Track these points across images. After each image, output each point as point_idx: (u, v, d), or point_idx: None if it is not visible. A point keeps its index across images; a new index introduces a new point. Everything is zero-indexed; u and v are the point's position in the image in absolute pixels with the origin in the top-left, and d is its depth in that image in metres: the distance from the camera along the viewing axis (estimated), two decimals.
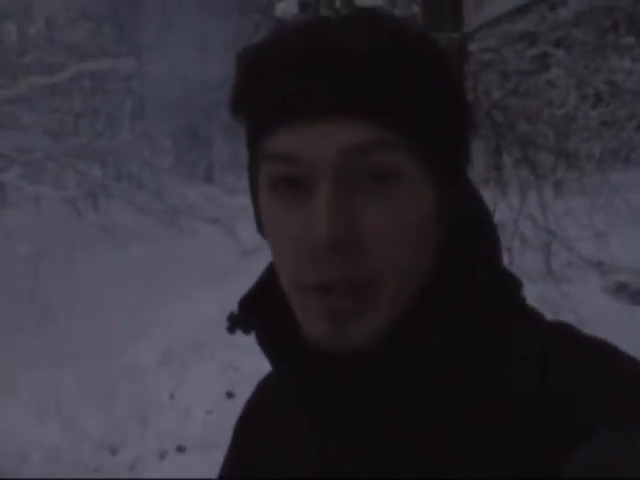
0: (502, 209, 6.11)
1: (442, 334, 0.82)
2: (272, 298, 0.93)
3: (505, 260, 0.95)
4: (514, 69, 10.15)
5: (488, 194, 6.44)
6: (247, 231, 10.32)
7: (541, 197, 6.25)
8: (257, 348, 0.98)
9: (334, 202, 0.79)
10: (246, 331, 0.95)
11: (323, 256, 0.80)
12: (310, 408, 0.89)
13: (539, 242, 6.19)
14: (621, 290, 8.60)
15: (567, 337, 0.85)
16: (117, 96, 12.91)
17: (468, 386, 0.83)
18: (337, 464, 0.88)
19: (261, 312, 0.94)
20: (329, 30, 0.83)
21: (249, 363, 6.57)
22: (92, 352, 7.58)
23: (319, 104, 0.80)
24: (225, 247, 11.02)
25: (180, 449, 6.07)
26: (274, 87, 0.83)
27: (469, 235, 0.89)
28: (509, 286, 0.92)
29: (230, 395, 6.79)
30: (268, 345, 0.93)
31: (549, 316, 0.92)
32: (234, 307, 0.95)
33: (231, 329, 0.95)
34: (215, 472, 1.13)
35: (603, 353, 0.81)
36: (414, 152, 0.82)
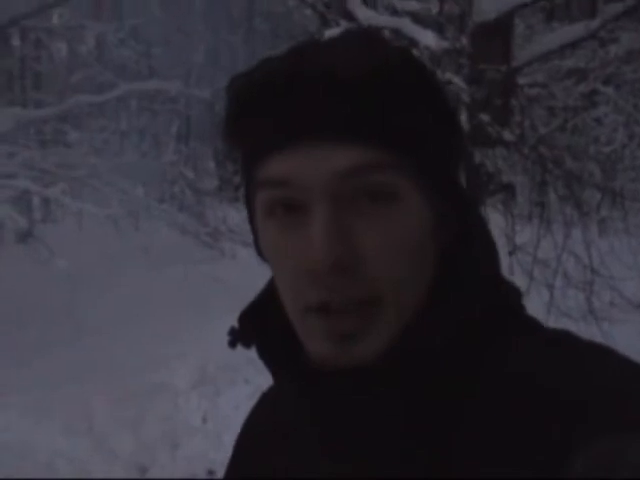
0: (545, 245, 6.06)
1: (442, 346, 0.83)
2: (273, 312, 0.93)
3: (546, 297, 0.93)
4: (562, 105, 10.12)
5: (532, 230, 6.40)
6: None
7: (585, 234, 6.19)
8: None
9: (331, 224, 0.80)
10: (247, 345, 0.95)
11: (322, 277, 0.80)
12: (313, 421, 0.89)
13: (581, 280, 6.14)
14: None
15: (566, 343, 0.85)
16: (163, 117, 13.05)
17: (469, 395, 0.82)
18: (341, 476, 0.87)
19: (262, 326, 0.94)
20: (316, 54, 0.83)
21: None
22: (126, 371, 7.60)
23: (310, 128, 0.81)
24: (264, 271, 11.01)
25: (211, 472, 6.05)
26: (264, 114, 0.84)
27: (467, 248, 0.90)
28: (508, 296, 0.92)
29: None
30: (269, 359, 0.93)
31: None
32: None
33: (232, 343, 0.95)
34: None
35: (603, 357, 0.81)
36: (408, 171, 0.83)
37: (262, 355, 0.94)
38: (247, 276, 11.32)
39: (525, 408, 0.77)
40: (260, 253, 0.93)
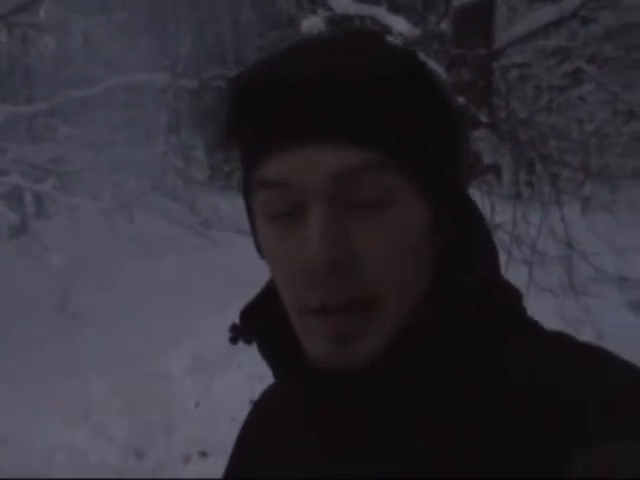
0: (524, 225, 6.13)
1: (439, 345, 0.83)
2: (274, 309, 0.93)
3: (525, 274, 0.96)
4: (547, 84, 10.16)
5: (513, 210, 6.47)
6: None
7: (561, 212, 6.26)
8: None
9: (328, 225, 0.80)
10: (248, 341, 0.95)
11: (320, 279, 0.80)
12: (310, 420, 0.91)
13: (560, 257, 6.21)
14: None
15: (564, 343, 0.85)
16: (152, 109, 13.06)
17: (467, 392, 0.83)
18: (338, 471, 0.88)
19: (263, 323, 0.94)
20: (316, 55, 0.83)
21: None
22: (122, 361, 7.66)
23: (308, 130, 0.81)
24: (257, 259, 11.07)
25: (203, 454, 6.13)
26: (263, 115, 0.84)
27: (465, 248, 0.89)
28: (507, 297, 0.92)
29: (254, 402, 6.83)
30: (270, 355, 0.93)
31: (570, 331, 0.92)
32: None
33: (233, 339, 0.95)
34: None
35: (600, 358, 0.82)
36: (406, 172, 0.83)
37: (263, 352, 0.94)
38: (240, 264, 11.39)
39: (523, 404, 0.78)
40: (260, 251, 0.93)
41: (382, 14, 6.31)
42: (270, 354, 0.93)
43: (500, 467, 0.76)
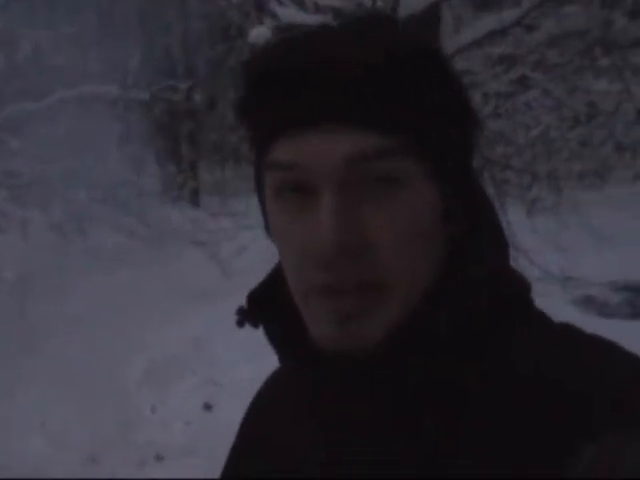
0: None
1: (447, 330, 0.84)
2: (281, 293, 0.94)
3: None
4: (494, 92, 10.28)
5: None
6: (230, 254, 10.50)
7: (506, 215, 6.38)
8: (235, 363, 1.01)
9: (338, 209, 0.81)
10: (255, 325, 0.96)
11: (330, 262, 0.81)
12: (318, 403, 0.91)
13: None
14: (588, 302, 8.78)
15: (571, 334, 0.87)
16: (103, 121, 13.01)
17: (474, 380, 0.84)
18: (343, 456, 0.89)
19: (270, 306, 0.96)
20: (329, 40, 0.84)
21: (228, 378, 6.73)
22: (78, 372, 7.66)
23: (322, 113, 0.82)
24: (209, 269, 11.13)
25: (158, 458, 6.15)
26: (277, 96, 0.84)
27: (476, 235, 0.90)
28: (516, 288, 0.93)
29: (208, 407, 6.90)
30: (276, 339, 0.95)
31: None
32: (216, 327, 0.98)
33: (240, 322, 0.96)
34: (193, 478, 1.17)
35: (607, 351, 0.83)
36: (419, 157, 0.84)
37: (268, 336, 0.95)
38: (192, 274, 11.34)
39: (530, 395, 0.79)
40: (268, 233, 0.94)
41: (329, 22, 6.37)
42: (276, 337, 0.95)
43: (504, 456, 0.77)
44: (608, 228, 9.74)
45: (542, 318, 0.92)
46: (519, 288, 0.93)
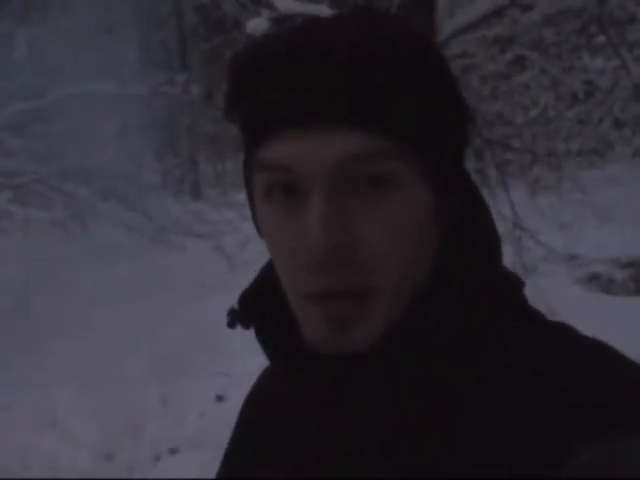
0: None
1: (441, 333, 0.83)
2: (272, 293, 0.93)
3: None
4: (491, 73, 10.28)
5: None
6: (234, 245, 10.49)
7: (509, 195, 6.37)
8: (245, 354, 0.98)
9: (329, 210, 0.79)
10: (246, 326, 0.94)
11: (320, 264, 0.79)
12: (309, 404, 0.90)
13: (510, 238, 6.32)
14: (593, 280, 8.81)
15: (565, 335, 0.86)
16: (101, 117, 12.99)
17: (467, 381, 0.83)
18: (336, 457, 0.89)
19: (261, 307, 0.94)
20: (319, 36, 0.81)
21: (238, 369, 6.75)
22: (86, 367, 7.68)
23: (312, 114, 0.80)
24: (213, 261, 11.13)
25: (173, 451, 6.19)
26: (266, 96, 0.82)
27: (468, 236, 0.89)
28: (509, 286, 0.92)
29: (220, 398, 6.96)
30: (266, 340, 0.93)
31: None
32: (221, 319, 0.96)
33: (231, 324, 0.95)
34: (207, 470, 1.17)
35: (601, 353, 0.82)
36: (410, 158, 0.82)
37: (260, 337, 0.93)
38: (196, 267, 11.35)
39: (525, 397, 0.78)
40: (259, 233, 0.92)
41: (326, 12, 6.38)
42: (266, 339, 0.93)
43: (499, 457, 0.76)
44: (609, 205, 9.76)
45: (536, 317, 0.91)
46: (512, 286, 0.92)
